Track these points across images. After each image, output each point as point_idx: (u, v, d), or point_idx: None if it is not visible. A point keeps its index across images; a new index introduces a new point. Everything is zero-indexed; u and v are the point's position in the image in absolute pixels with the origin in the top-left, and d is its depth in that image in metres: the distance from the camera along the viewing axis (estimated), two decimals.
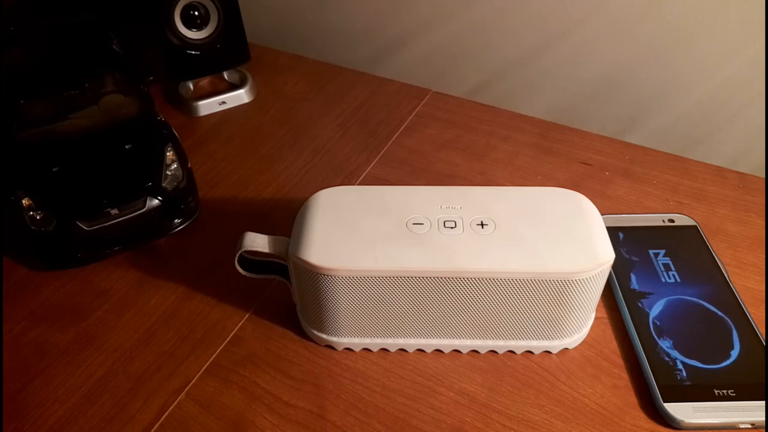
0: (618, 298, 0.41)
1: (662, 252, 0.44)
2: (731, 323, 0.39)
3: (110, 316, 0.43)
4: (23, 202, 0.44)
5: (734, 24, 0.54)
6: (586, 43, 0.61)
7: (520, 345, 0.38)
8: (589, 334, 0.40)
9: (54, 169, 0.45)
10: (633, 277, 0.42)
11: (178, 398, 0.38)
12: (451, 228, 0.35)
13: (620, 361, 0.39)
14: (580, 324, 0.38)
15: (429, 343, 0.39)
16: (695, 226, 0.46)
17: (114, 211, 0.45)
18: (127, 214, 0.45)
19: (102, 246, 0.46)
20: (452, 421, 0.36)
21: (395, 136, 0.58)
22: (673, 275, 0.42)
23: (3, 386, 0.39)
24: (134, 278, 0.46)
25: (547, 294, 0.34)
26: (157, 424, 0.37)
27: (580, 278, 0.33)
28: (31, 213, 0.44)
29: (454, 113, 0.60)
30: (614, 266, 0.43)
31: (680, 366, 0.37)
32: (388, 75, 0.66)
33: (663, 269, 0.42)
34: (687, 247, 0.44)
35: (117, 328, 0.42)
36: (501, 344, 0.38)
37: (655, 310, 0.40)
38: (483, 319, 0.36)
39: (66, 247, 0.45)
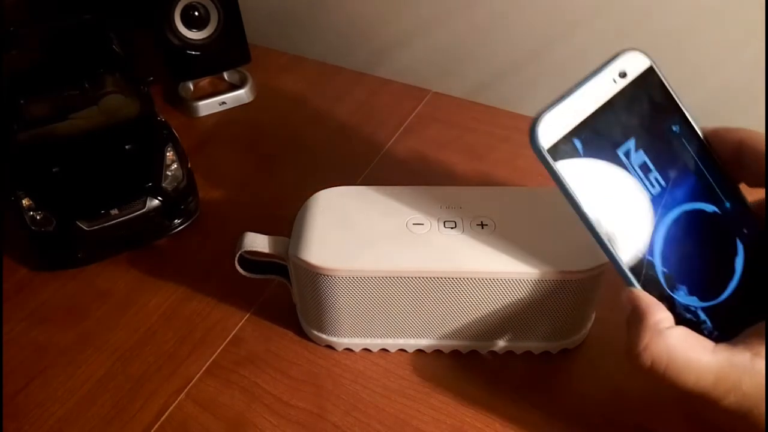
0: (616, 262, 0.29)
1: (632, 144, 0.29)
2: (735, 229, 0.30)
3: (110, 316, 0.43)
4: (23, 202, 0.44)
5: (733, 25, 0.54)
6: (586, 44, 0.61)
7: (520, 345, 0.38)
8: (589, 335, 0.40)
9: (54, 169, 0.45)
10: None
11: (178, 398, 0.38)
12: (451, 228, 0.35)
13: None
14: (580, 324, 0.38)
15: (429, 343, 0.39)
16: (651, 67, 0.30)
17: (114, 212, 0.45)
18: (127, 215, 0.45)
19: (102, 246, 0.46)
20: (452, 422, 0.36)
21: (395, 136, 0.58)
22: (656, 179, 0.29)
23: (3, 386, 0.39)
24: (134, 278, 0.46)
25: (547, 294, 0.34)
26: (157, 425, 0.37)
27: (580, 278, 0.33)
28: (31, 213, 0.44)
29: (454, 114, 0.60)
30: None
31: (703, 316, 0.28)
32: (388, 75, 0.66)
33: (643, 175, 0.29)
34: (653, 113, 0.30)
35: (117, 328, 0.42)
36: (501, 345, 0.38)
37: (658, 254, 0.29)
38: (483, 320, 0.36)
39: (66, 247, 0.45)
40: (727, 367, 0.25)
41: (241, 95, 0.63)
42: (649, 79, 0.30)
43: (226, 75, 0.66)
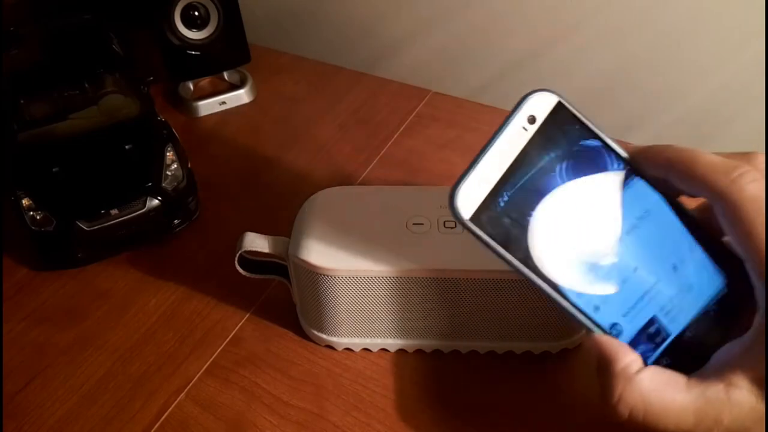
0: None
1: (558, 186, 0.27)
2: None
3: (110, 316, 0.43)
4: (23, 202, 0.44)
5: (733, 25, 0.54)
6: (586, 44, 0.61)
7: (520, 345, 0.38)
8: None
9: (54, 169, 0.45)
10: None
11: (178, 398, 0.38)
12: (451, 228, 0.35)
13: None
14: (580, 324, 0.38)
15: (429, 343, 0.39)
16: (559, 103, 0.28)
17: (114, 212, 0.45)
18: (127, 215, 0.45)
19: (102, 246, 0.46)
20: (452, 422, 0.36)
21: (395, 136, 0.58)
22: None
23: (3, 386, 0.39)
24: (134, 278, 0.46)
25: None
26: (157, 425, 0.37)
27: None
28: (31, 213, 0.44)
29: (454, 113, 0.60)
30: None
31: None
32: (388, 75, 0.66)
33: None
34: (572, 149, 0.28)
35: (117, 328, 0.42)
36: (501, 345, 0.38)
37: None
38: (483, 320, 0.36)
39: (66, 247, 0.45)
40: (703, 404, 0.24)
41: (241, 95, 0.63)
42: (559, 116, 0.28)
43: (226, 75, 0.66)
